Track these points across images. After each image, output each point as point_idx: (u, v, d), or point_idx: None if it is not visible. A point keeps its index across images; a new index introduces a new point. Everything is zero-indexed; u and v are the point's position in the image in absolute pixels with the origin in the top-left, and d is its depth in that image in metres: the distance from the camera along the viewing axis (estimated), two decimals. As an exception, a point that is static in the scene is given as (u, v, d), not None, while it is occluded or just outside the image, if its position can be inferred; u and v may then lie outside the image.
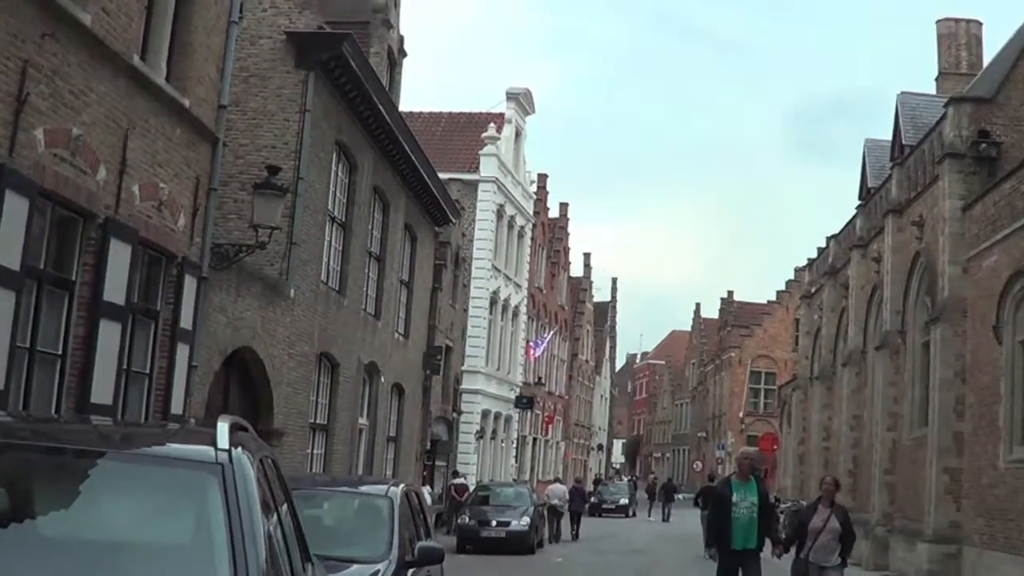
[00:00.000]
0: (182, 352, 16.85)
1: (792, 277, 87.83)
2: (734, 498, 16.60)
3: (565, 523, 44.43)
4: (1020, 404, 24.20)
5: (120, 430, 7.99)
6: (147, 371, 16.13)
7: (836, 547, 17.14)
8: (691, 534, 40.73)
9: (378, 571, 11.38)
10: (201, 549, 5.11)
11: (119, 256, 14.09)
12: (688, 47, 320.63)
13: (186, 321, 16.84)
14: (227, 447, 5.47)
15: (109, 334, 14.06)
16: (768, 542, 17.38)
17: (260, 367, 21.29)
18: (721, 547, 16.94)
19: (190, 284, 16.88)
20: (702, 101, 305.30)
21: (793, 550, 17.63)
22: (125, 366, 14.96)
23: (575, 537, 44.05)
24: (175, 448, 6.06)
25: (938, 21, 40.59)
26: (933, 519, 27.18)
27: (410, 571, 12.12)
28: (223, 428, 5.62)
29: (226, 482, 5.27)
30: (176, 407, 16.61)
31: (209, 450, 5.44)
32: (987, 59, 37.25)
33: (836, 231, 45.31)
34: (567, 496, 44.47)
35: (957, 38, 40.16)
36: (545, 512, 42.11)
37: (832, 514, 17.17)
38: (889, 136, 37.50)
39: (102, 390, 13.93)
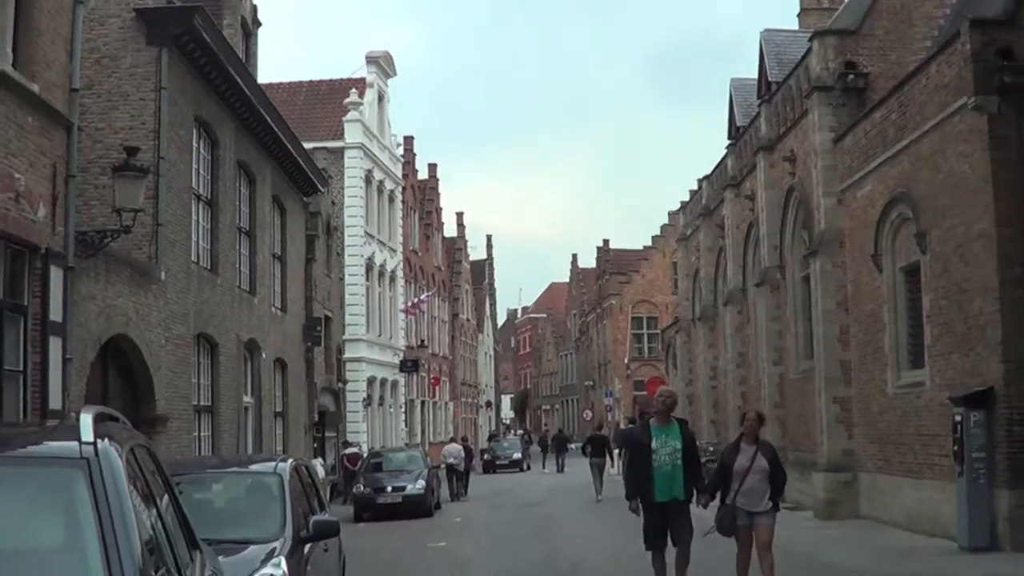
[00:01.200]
0: (55, 345, 16.33)
1: (667, 221, 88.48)
2: (654, 444, 14.80)
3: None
4: (904, 330, 24.43)
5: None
6: (20, 368, 15.60)
7: (766, 490, 15.29)
8: (586, 483, 41.22)
9: (273, 549, 11.14)
10: (73, 551, 4.79)
11: (-21, 253, 13.55)
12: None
13: (56, 313, 16.31)
14: (92, 440, 5.11)
15: (-24, 334, 13.54)
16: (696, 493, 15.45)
17: (137, 354, 20.78)
18: (644, 500, 14.96)
19: (56, 275, 16.35)
20: (565, 51, 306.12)
21: (718, 497, 15.65)
22: (-4, 366, 14.46)
23: (464, 495, 44.50)
24: (37, 447, 5.71)
25: (796, -43, 40.83)
26: (826, 449, 27.43)
27: (307, 546, 11.94)
28: (86, 420, 5.27)
29: (93, 477, 4.95)
30: (54, 402, 16.11)
31: (73, 445, 5.10)
32: (847, -8, 37.50)
33: (708, 172, 45.47)
34: (462, 454, 44.96)
35: (817, -27, 40.40)
36: (444, 472, 43.06)
37: (758, 452, 15.34)
38: (755, 74, 37.59)
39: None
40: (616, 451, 42.01)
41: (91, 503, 4.86)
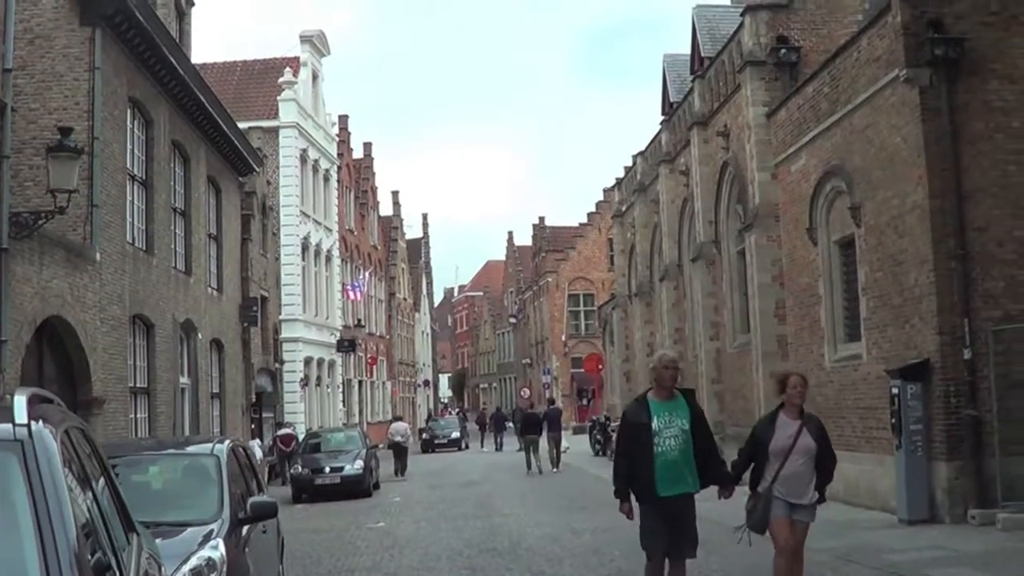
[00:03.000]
0: (-12, 328, 16.15)
1: (602, 198, 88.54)
2: (655, 424, 11.56)
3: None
4: (840, 304, 24.61)
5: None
6: (-48, 351, 15.43)
7: (811, 476, 12.17)
8: (524, 461, 42.29)
9: (211, 531, 11.02)
10: (6, 534, 4.69)
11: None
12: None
13: (-11, 296, 16.12)
14: (25, 422, 5.02)
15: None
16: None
17: (73, 335, 20.56)
18: (641, 496, 11.69)
19: (-11, 257, 16.15)
20: (495, 31, 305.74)
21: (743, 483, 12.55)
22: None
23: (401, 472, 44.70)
24: None
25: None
26: (764, 423, 27.51)
27: (245, 528, 11.83)
28: (20, 401, 5.16)
29: (27, 459, 4.83)
30: (-12, 385, 15.92)
31: (6, 427, 4.99)
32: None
33: (642, 149, 45.54)
34: (408, 432, 45.39)
35: (745, -53, 40.49)
36: (391, 449, 44.05)
37: (803, 427, 12.15)
38: (688, 50, 37.68)
39: (-96, 377, 13.25)
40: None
41: (25, 486, 4.77)
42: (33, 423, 5.05)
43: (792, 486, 12.07)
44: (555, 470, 41.80)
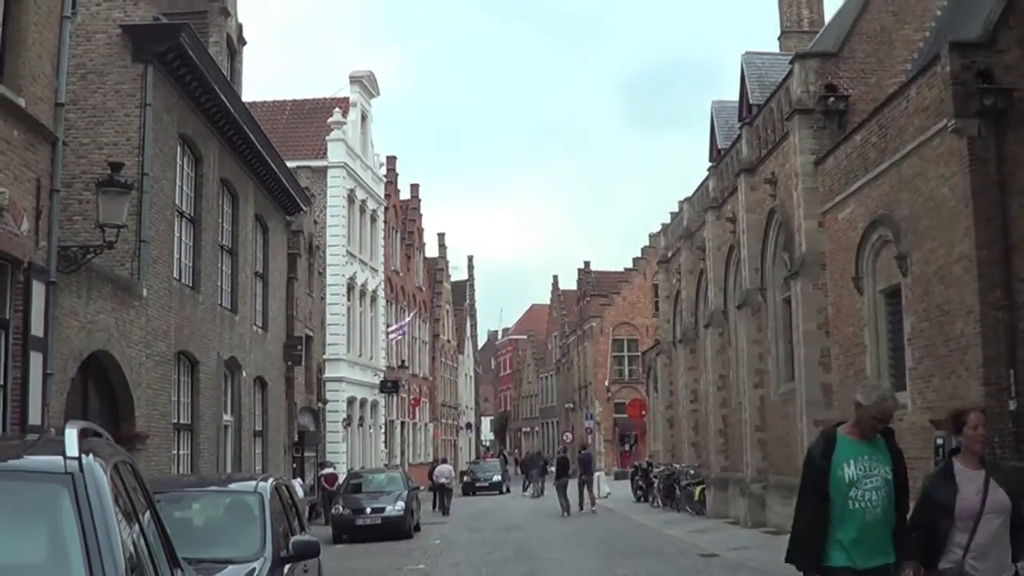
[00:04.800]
0: (36, 360, 16.24)
1: (648, 243, 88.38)
2: (849, 471, 8.82)
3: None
4: (885, 353, 24.48)
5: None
6: (1, 383, 15.53)
7: (1007, 544, 8.95)
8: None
9: (253, 570, 11.07)
10: (56, 566, 4.76)
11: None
12: (519, 24, 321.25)
13: (37, 328, 16.23)
14: (76, 455, 5.09)
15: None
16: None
17: (118, 370, 20.69)
18: (830, 568, 8.81)
19: (38, 290, 16.27)
20: (544, 78, 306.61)
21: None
22: (-23, 380, 14.38)
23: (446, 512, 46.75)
24: (21, 460, 5.65)
25: (776, -20, 40.96)
26: (807, 472, 27.30)
27: (286, 567, 11.82)
28: (71, 435, 5.23)
29: (77, 492, 4.92)
30: (34, 417, 16.02)
31: (58, 459, 5.06)
32: (827, 16, 37.74)
33: (689, 195, 45.51)
34: (452, 474, 46.24)
35: (797, -4, 40.58)
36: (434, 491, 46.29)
37: (990, 478, 9.01)
38: (736, 97, 37.69)
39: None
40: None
41: (75, 518, 4.83)
42: (84, 456, 5.11)
43: (991, 558, 8.85)
44: (586, 510, 43.82)
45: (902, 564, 8.79)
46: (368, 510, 35.56)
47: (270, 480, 13.29)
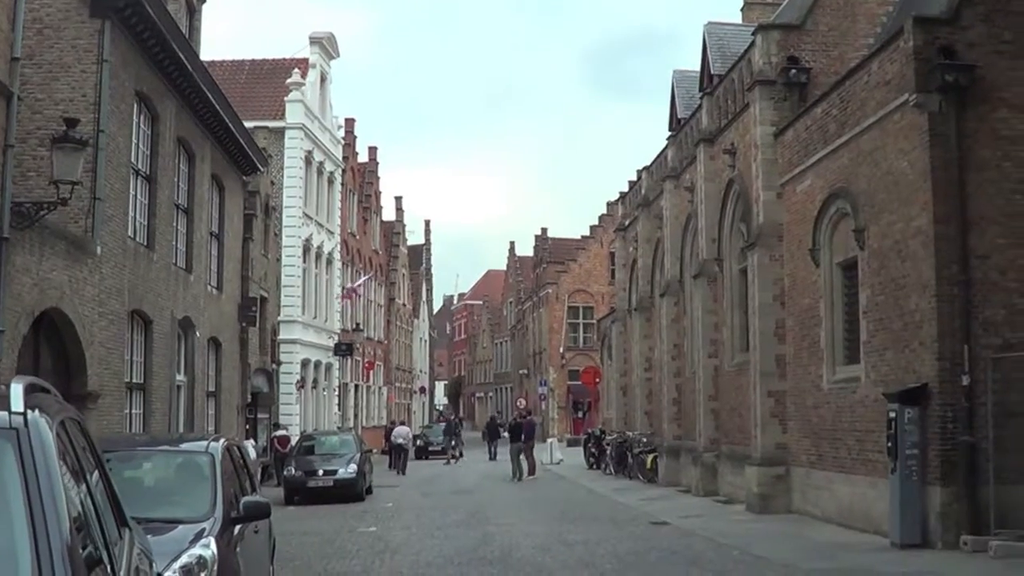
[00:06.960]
0: (-14, 317, 16.10)
1: (606, 212, 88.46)
2: None
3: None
4: (840, 326, 24.58)
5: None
6: (-51, 339, 15.38)
7: None
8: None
9: (203, 529, 10.99)
10: None
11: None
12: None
13: (-12, 285, 16.07)
14: (21, 410, 4.96)
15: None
16: None
17: (70, 328, 20.50)
18: None
19: (-10, 246, 16.10)
20: (505, 45, 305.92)
21: None
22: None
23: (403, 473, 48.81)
24: None
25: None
26: (760, 442, 27.54)
27: (236, 527, 11.81)
28: (17, 390, 5.10)
29: (22, 448, 4.77)
30: (-16, 375, 15.88)
31: (2, 415, 4.93)
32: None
33: (648, 163, 45.47)
34: (410, 435, 46.82)
35: (760, -33, 40.51)
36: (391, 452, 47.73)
37: None
38: (697, 67, 37.64)
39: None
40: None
41: (19, 475, 4.71)
42: (29, 412, 4.99)
43: None
44: (527, 478, 44.25)
45: None
46: (320, 472, 35.59)
47: (221, 441, 13.24)
